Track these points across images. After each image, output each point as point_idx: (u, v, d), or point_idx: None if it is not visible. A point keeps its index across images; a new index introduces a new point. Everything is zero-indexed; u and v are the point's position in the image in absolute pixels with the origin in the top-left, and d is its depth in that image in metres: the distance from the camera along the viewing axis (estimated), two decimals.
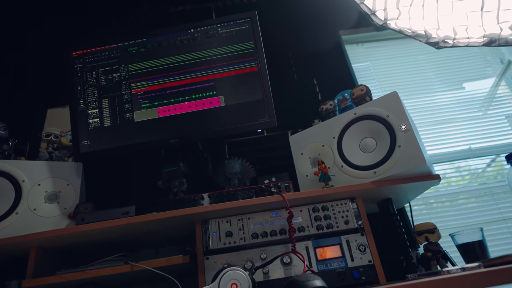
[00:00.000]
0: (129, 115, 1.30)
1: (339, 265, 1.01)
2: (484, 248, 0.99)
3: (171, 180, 1.26)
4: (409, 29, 1.35)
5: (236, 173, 1.30)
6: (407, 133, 1.06)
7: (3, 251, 1.13)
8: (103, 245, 1.25)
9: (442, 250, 1.06)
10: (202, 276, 1.03)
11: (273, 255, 1.03)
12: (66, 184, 1.24)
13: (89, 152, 1.28)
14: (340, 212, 1.09)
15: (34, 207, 1.16)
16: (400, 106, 1.11)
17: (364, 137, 1.17)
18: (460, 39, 1.27)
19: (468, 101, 1.87)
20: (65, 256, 1.26)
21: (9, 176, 1.16)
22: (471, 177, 1.71)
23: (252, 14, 1.35)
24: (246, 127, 1.24)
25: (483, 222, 1.56)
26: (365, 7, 1.42)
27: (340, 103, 1.40)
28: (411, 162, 1.03)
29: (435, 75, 1.97)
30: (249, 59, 1.31)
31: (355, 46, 2.08)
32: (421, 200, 1.62)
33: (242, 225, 1.09)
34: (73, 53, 1.36)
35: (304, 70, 1.89)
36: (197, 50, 1.33)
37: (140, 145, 1.26)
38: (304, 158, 1.28)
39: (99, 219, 1.10)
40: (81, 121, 1.31)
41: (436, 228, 1.09)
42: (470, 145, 1.75)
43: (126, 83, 1.33)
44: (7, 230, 1.09)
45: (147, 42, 1.36)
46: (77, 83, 1.34)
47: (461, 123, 1.81)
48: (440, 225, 1.20)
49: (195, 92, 1.29)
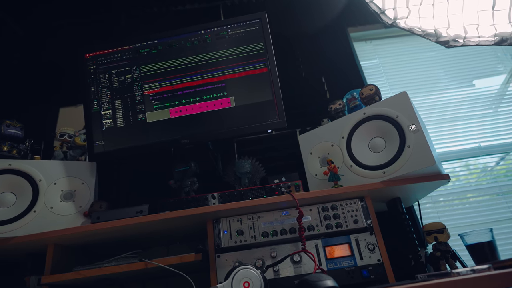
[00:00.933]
0: (141, 116, 1.32)
1: (349, 264, 1.03)
2: (494, 249, 1.00)
3: (183, 179, 1.29)
4: (419, 28, 1.35)
5: (247, 172, 1.32)
6: (417, 133, 1.07)
7: (22, 248, 1.17)
8: (117, 242, 1.29)
9: (452, 249, 1.07)
10: (214, 274, 1.05)
11: (283, 253, 1.05)
12: (81, 183, 1.27)
13: (103, 152, 1.31)
14: (349, 212, 1.10)
15: (51, 205, 1.19)
16: (410, 106, 1.11)
17: (373, 137, 1.18)
18: (470, 38, 1.26)
19: (478, 99, 1.86)
20: (81, 253, 1.30)
21: (27, 175, 1.20)
22: (480, 175, 1.70)
23: (261, 15, 1.36)
24: (256, 128, 1.26)
25: (492, 220, 1.56)
26: (374, 5, 1.42)
27: (349, 102, 1.40)
28: (421, 162, 1.04)
29: (445, 72, 1.96)
30: (259, 60, 1.32)
31: (363, 43, 2.07)
32: (430, 198, 1.63)
33: (253, 224, 1.11)
34: (86, 55, 1.39)
35: (312, 68, 1.90)
36: (207, 51, 1.35)
37: (153, 145, 1.29)
38: (313, 158, 1.30)
39: (113, 217, 1.13)
40: (95, 122, 1.34)
41: (445, 228, 1.10)
42: (480, 143, 1.74)
43: (138, 84, 1.35)
44: (25, 228, 1.13)
45: (158, 44, 1.38)
46: (90, 85, 1.37)
47: (471, 120, 1.80)
48: (448, 224, 1.21)
49: (206, 93, 1.31)
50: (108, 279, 1.18)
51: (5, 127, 1.28)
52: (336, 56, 1.90)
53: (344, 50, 1.92)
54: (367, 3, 1.42)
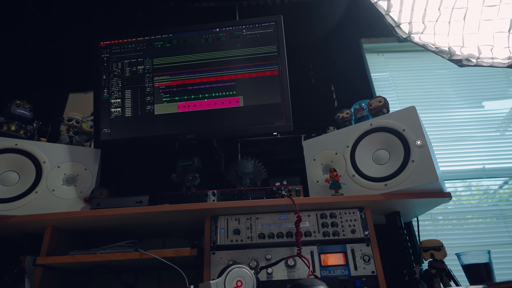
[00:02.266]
0: (149, 108, 1.33)
1: (342, 273, 1.02)
2: (490, 271, 0.99)
3: (185, 174, 1.29)
4: (433, 45, 1.35)
5: (249, 172, 1.33)
6: (422, 148, 1.07)
7: (21, 227, 1.18)
8: (115, 231, 1.30)
9: (447, 268, 1.06)
10: (207, 270, 1.05)
11: (278, 256, 1.05)
12: (84, 168, 1.28)
13: (109, 140, 1.32)
14: (348, 221, 1.10)
15: (52, 188, 1.20)
16: (417, 121, 1.11)
17: (378, 148, 1.18)
18: (484, 59, 1.26)
19: (486, 120, 1.85)
20: (78, 238, 1.31)
21: (32, 156, 1.21)
22: (482, 197, 1.69)
23: (277, 18, 1.36)
24: (262, 129, 1.26)
25: (490, 244, 1.55)
26: (390, 18, 1.42)
27: (357, 112, 1.41)
28: (424, 178, 1.04)
29: (455, 91, 1.95)
30: (271, 62, 1.33)
31: (375, 55, 2.07)
32: (429, 215, 1.62)
33: (250, 224, 1.11)
34: (101, 43, 1.40)
35: (322, 75, 1.90)
36: (221, 49, 1.36)
37: (158, 137, 1.30)
38: (316, 164, 1.30)
39: (113, 205, 1.14)
40: (104, 109, 1.35)
41: (443, 246, 1.09)
42: (484, 164, 1.73)
43: (149, 76, 1.36)
44: (26, 208, 1.14)
45: (173, 38, 1.39)
46: (102, 72, 1.38)
47: (477, 141, 1.79)
48: (446, 243, 1.20)
49: (216, 91, 1.32)
50: (102, 266, 1.19)
51: (14, 107, 1.29)
52: (348, 65, 1.91)
53: (356, 61, 1.92)
54: (383, 16, 1.43)
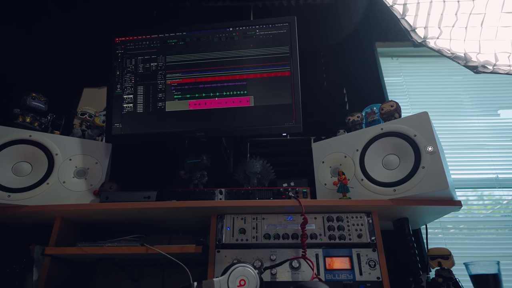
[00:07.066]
0: (161, 104, 1.35)
1: (347, 277, 1.01)
2: (498, 282, 0.97)
3: (193, 171, 1.30)
4: (448, 50, 1.33)
5: (256, 172, 1.33)
6: (433, 155, 1.05)
7: (31, 217, 1.20)
8: (122, 224, 1.31)
9: (454, 277, 1.04)
10: (211, 268, 1.06)
11: (282, 257, 1.04)
12: (95, 162, 1.30)
13: (120, 135, 1.34)
14: (354, 225, 1.09)
15: (63, 180, 1.22)
16: (429, 127, 1.10)
17: (388, 153, 1.17)
18: (500, 66, 1.24)
19: (501, 129, 1.81)
20: (86, 230, 1.33)
21: (45, 148, 1.24)
22: (494, 207, 1.66)
23: (291, 19, 1.36)
24: (272, 129, 1.26)
25: (500, 255, 1.52)
26: (406, 22, 1.41)
27: (368, 116, 1.39)
28: (434, 184, 1.02)
29: (470, 98, 1.91)
30: (283, 63, 1.32)
31: (389, 59, 2.05)
32: (439, 223, 1.59)
33: (256, 224, 1.11)
34: (116, 39, 1.42)
35: (335, 78, 1.89)
36: (233, 48, 1.36)
37: (168, 134, 1.31)
38: (324, 167, 1.29)
39: (121, 199, 1.16)
40: (116, 104, 1.37)
41: (451, 255, 1.08)
42: (498, 174, 1.70)
43: (162, 73, 1.38)
44: (37, 198, 1.16)
45: (186, 36, 1.40)
46: (116, 68, 1.40)
47: (491, 150, 1.76)
48: (454, 252, 1.18)
49: (227, 90, 1.32)
50: (108, 259, 1.20)
51: (30, 99, 1.32)
52: (361, 69, 1.89)
53: (369, 64, 1.91)
54: (399, 19, 1.41)
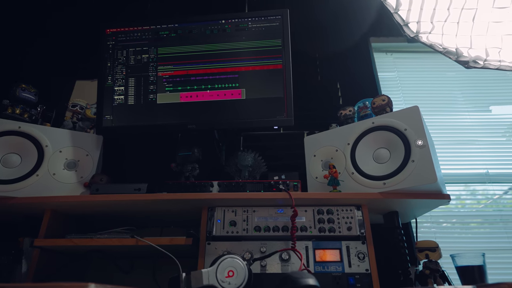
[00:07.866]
0: (152, 96, 1.34)
1: (336, 269, 1.02)
2: (483, 273, 0.98)
3: (184, 164, 1.30)
4: (440, 45, 1.33)
5: (248, 165, 1.33)
6: (423, 149, 1.06)
7: (20, 209, 1.20)
8: (113, 217, 1.31)
9: (441, 269, 1.06)
10: (202, 260, 1.06)
11: (272, 249, 1.05)
12: (85, 154, 1.29)
13: (111, 127, 1.33)
14: (344, 218, 1.10)
15: (53, 171, 1.22)
16: (420, 121, 1.10)
17: (378, 147, 1.17)
18: (491, 61, 1.24)
19: (492, 125, 1.83)
20: (76, 222, 1.32)
21: (34, 139, 1.22)
22: (484, 202, 1.67)
23: (283, 12, 1.36)
24: (263, 122, 1.26)
25: (491, 249, 1.53)
26: (399, 17, 1.41)
27: (360, 110, 1.40)
28: (423, 178, 1.03)
29: (462, 94, 1.92)
30: (275, 56, 1.32)
31: (383, 54, 2.05)
32: (430, 218, 1.61)
33: (247, 216, 1.12)
34: (107, 30, 1.41)
35: (329, 72, 1.89)
36: (225, 41, 1.36)
37: (159, 126, 1.30)
38: (316, 160, 1.29)
39: (112, 191, 1.15)
40: (107, 96, 1.36)
41: (438, 247, 1.09)
42: (488, 169, 1.71)
43: (153, 65, 1.37)
44: (26, 190, 1.16)
45: (178, 28, 1.39)
46: (107, 60, 1.39)
47: (482, 146, 1.77)
48: (445, 246, 1.20)
49: (218, 82, 1.32)
50: (98, 251, 1.20)
51: (20, 91, 1.31)
52: (355, 63, 1.89)
53: (363, 59, 1.91)
54: (392, 14, 1.41)
